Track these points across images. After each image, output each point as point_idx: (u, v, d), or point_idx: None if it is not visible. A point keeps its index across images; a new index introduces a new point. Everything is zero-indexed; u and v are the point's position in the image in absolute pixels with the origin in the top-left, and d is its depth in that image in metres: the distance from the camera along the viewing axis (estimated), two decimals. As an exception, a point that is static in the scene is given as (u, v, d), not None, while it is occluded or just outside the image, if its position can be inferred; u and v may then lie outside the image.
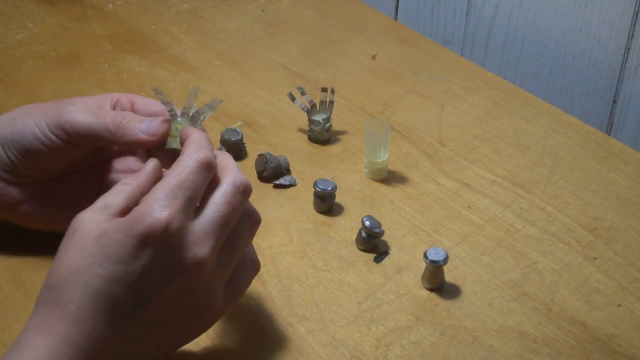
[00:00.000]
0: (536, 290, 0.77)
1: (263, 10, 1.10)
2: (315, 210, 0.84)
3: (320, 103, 0.91)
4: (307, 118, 0.92)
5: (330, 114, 0.91)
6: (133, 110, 0.75)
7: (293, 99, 0.91)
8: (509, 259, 0.80)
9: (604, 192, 0.87)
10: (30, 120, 0.73)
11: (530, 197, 0.86)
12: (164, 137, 0.71)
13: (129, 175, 0.69)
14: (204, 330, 0.67)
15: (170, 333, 0.65)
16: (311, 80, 1.00)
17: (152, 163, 0.67)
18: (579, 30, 1.10)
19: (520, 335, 0.74)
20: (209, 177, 0.65)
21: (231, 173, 0.66)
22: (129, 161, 0.78)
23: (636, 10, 1.05)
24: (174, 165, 0.64)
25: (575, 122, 0.95)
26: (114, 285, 0.61)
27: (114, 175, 0.78)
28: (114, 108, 0.75)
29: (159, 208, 0.61)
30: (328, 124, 0.91)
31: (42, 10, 1.08)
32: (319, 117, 0.91)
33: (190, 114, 0.72)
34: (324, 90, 0.91)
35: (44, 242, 0.79)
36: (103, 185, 0.77)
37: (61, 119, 0.72)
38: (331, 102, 0.91)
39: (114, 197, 0.64)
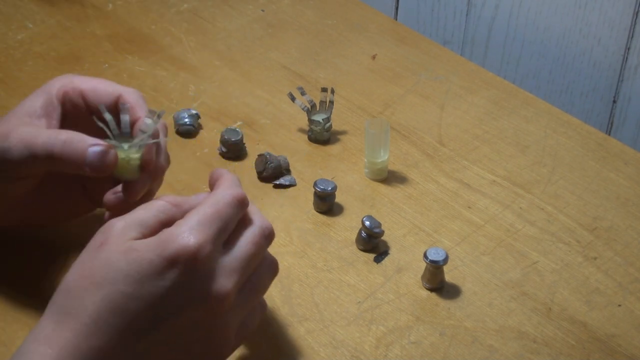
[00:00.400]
0: (536, 290, 0.77)
1: (263, 10, 1.10)
2: (315, 210, 0.84)
3: (320, 103, 0.91)
4: (307, 118, 0.92)
5: (330, 114, 0.91)
6: (87, 105, 0.72)
7: (293, 99, 0.91)
8: (509, 259, 0.80)
9: (604, 192, 0.87)
10: None
11: (530, 197, 0.86)
12: (112, 168, 0.68)
13: (169, 195, 0.66)
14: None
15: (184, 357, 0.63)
16: (311, 80, 1.00)
17: (202, 196, 0.66)
18: (579, 30, 1.10)
19: (520, 335, 0.74)
20: (240, 215, 0.65)
21: (259, 217, 0.66)
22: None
23: (636, 10, 1.05)
24: (209, 196, 0.64)
25: (575, 122, 0.95)
26: (134, 302, 0.60)
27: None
28: (63, 107, 0.72)
29: (192, 233, 0.61)
30: (328, 124, 0.91)
31: (42, 10, 1.08)
32: (319, 117, 0.91)
33: (137, 142, 0.68)
34: (324, 90, 0.91)
35: (43, 243, 0.79)
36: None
37: (1, 160, 0.69)
38: (331, 102, 0.91)
39: (151, 216, 0.63)
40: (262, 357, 0.71)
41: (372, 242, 0.80)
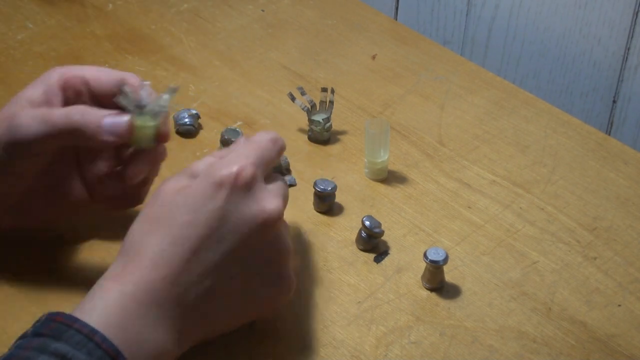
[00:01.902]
0: (536, 290, 0.77)
1: (263, 10, 1.10)
2: (315, 210, 0.84)
3: (320, 103, 0.91)
4: (307, 118, 0.92)
5: (330, 114, 0.91)
6: (90, 91, 0.74)
7: (293, 99, 0.91)
8: (509, 259, 0.80)
9: (604, 192, 0.87)
10: None
11: (530, 197, 0.86)
12: (128, 136, 0.71)
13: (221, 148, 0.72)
14: (277, 301, 0.69)
15: (244, 294, 0.67)
16: (311, 80, 1.00)
17: (242, 139, 0.71)
18: (579, 30, 1.10)
19: (520, 335, 0.74)
20: (278, 151, 0.71)
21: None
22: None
23: (636, 10, 1.05)
24: (248, 138, 0.70)
25: (575, 122, 0.95)
26: (193, 230, 0.65)
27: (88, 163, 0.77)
28: (64, 93, 0.73)
29: (234, 161, 0.67)
30: (328, 124, 0.91)
31: (42, 10, 1.08)
32: (319, 117, 0.91)
33: (155, 110, 0.71)
34: (324, 90, 0.91)
35: (43, 243, 0.79)
36: (80, 155, 0.76)
37: (14, 139, 0.70)
38: (331, 102, 0.91)
39: (199, 164, 0.69)
40: (262, 356, 0.71)
41: (372, 242, 0.80)
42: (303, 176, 0.87)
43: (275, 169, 0.86)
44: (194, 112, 0.92)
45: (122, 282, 0.63)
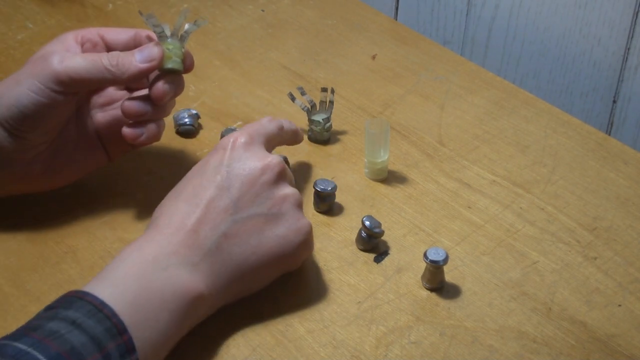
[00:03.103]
0: (536, 290, 0.77)
1: (263, 10, 1.10)
2: (315, 210, 0.84)
3: (320, 103, 0.92)
4: (307, 118, 0.92)
5: (330, 114, 0.91)
6: (105, 43, 0.79)
7: (293, 99, 0.91)
8: (509, 259, 0.80)
9: (604, 192, 0.87)
10: (21, 89, 0.73)
11: (530, 197, 0.86)
12: (161, 59, 0.76)
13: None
14: (297, 243, 0.73)
15: (260, 241, 0.72)
16: (311, 80, 1.00)
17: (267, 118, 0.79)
18: (579, 30, 1.10)
19: (520, 335, 0.74)
20: (279, 129, 0.79)
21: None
22: (108, 93, 0.82)
23: (636, 10, 1.05)
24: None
25: (575, 122, 0.95)
26: (203, 187, 0.71)
27: (98, 113, 0.81)
28: (82, 46, 0.78)
29: (235, 133, 0.75)
30: (328, 124, 0.91)
31: (42, 10, 1.08)
32: (319, 117, 0.91)
33: (179, 34, 0.77)
34: (324, 90, 0.91)
35: (43, 243, 0.79)
36: (87, 125, 0.80)
37: (56, 72, 0.73)
38: (331, 102, 0.91)
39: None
40: (262, 356, 0.71)
41: (372, 242, 0.80)
42: (303, 176, 0.87)
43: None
44: (194, 112, 0.92)
45: (143, 240, 0.69)
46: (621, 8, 1.06)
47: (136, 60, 0.75)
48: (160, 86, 0.76)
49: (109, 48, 0.79)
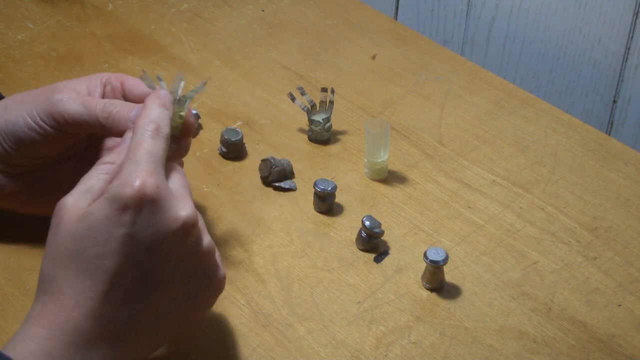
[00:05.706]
0: (536, 290, 0.77)
1: (263, 10, 1.10)
2: (315, 210, 0.84)
3: (320, 103, 0.91)
4: (307, 118, 0.92)
5: (330, 114, 0.91)
6: (123, 90, 0.75)
7: (293, 99, 0.91)
8: (509, 259, 0.80)
9: (604, 192, 0.87)
10: (22, 110, 0.73)
11: (530, 197, 0.86)
12: None
13: (109, 153, 0.68)
14: (213, 298, 0.67)
15: (177, 305, 0.64)
16: (311, 80, 1.00)
17: (129, 135, 0.68)
18: (579, 30, 1.10)
19: (520, 335, 0.74)
20: (169, 107, 0.68)
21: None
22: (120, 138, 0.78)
23: (636, 10, 1.05)
24: (133, 136, 0.65)
25: (575, 122, 0.95)
26: (108, 261, 0.61)
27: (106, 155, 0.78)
28: (104, 88, 0.75)
29: (131, 177, 0.62)
30: (328, 124, 0.91)
31: (42, 10, 1.08)
32: (319, 117, 0.91)
33: (177, 98, 0.71)
34: (324, 90, 0.91)
35: (44, 243, 0.79)
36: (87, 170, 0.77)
37: (52, 108, 0.72)
38: (331, 102, 0.91)
39: (96, 180, 0.64)
40: (262, 356, 0.71)
41: (372, 242, 0.80)
42: (303, 176, 0.87)
43: (280, 173, 0.86)
44: (194, 112, 0.92)
45: (45, 325, 0.61)
46: (621, 8, 1.06)
47: (130, 117, 0.70)
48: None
49: (125, 96, 0.76)
